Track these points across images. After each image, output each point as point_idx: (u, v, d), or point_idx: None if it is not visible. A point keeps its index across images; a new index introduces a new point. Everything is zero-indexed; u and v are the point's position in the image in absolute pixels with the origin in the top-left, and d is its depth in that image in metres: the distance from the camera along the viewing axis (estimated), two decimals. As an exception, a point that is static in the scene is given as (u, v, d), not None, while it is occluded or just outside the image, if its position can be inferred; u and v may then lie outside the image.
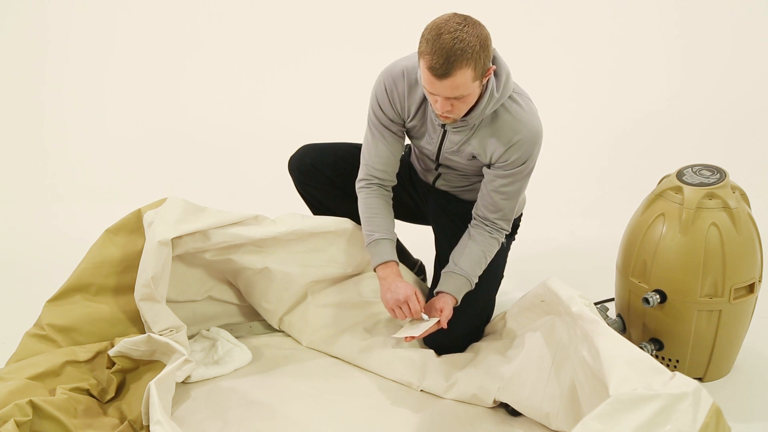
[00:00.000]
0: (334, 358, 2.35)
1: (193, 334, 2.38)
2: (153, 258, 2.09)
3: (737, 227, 2.09)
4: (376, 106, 2.19)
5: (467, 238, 2.24)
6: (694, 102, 3.80)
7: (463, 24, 1.87)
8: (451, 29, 1.86)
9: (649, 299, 2.12)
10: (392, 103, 2.17)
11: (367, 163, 2.26)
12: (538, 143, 2.12)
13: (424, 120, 2.18)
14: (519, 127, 2.08)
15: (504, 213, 2.21)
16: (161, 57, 4.06)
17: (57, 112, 3.88)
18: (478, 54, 1.87)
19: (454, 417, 2.09)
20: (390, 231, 2.25)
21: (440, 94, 1.93)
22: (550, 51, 4.01)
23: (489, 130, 2.10)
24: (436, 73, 1.88)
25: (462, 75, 1.88)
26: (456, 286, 2.20)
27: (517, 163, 2.12)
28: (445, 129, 2.14)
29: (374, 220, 2.25)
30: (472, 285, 2.22)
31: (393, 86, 2.14)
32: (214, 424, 2.04)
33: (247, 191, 3.47)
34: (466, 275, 2.20)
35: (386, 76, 2.16)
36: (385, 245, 2.22)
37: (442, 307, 2.16)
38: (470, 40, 1.86)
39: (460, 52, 1.85)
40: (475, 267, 2.21)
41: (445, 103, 1.95)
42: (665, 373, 1.65)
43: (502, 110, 2.08)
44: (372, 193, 2.26)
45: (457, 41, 1.85)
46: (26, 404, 1.84)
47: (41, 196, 3.45)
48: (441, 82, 1.89)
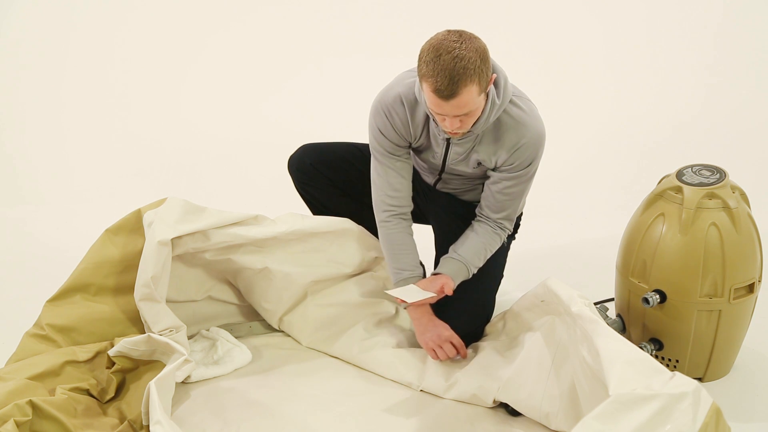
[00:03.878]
0: (334, 358, 2.35)
1: (193, 334, 2.38)
2: (153, 258, 2.09)
3: (737, 227, 2.09)
4: (380, 137, 2.17)
5: (470, 231, 2.24)
6: (694, 102, 3.80)
7: (459, 41, 1.87)
8: (449, 48, 1.85)
9: (648, 299, 2.12)
10: (396, 131, 2.16)
11: (381, 195, 2.24)
12: (542, 144, 2.12)
13: (428, 136, 2.18)
14: (523, 131, 2.08)
15: (508, 213, 2.22)
16: (162, 57, 4.06)
17: (57, 112, 3.88)
18: (480, 68, 1.87)
19: (453, 417, 2.09)
20: (416, 266, 2.25)
21: (448, 114, 1.93)
22: (550, 52, 4.01)
23: (493, 136, 2.10)
24: (442, 95, 1.87)
25: (468, 92, 1.87)
26: (453, 270, 2.19)
27: (522, 165, 2.12)
28: (449, 141, 2.14)
29: (400, 257, 2.24)
30: (470, 274, 2.21)
31: (393, 114, 2.13)
32: (214, 424, 2.04)
33: (247, 191, 3.47)
34: (464, 261, 2.19)
35: (383, 106, 2.14)
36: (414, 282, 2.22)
37: (444, 283, 2.16)
38: (470, 56, 1.85)
39: (462, 70, 1.84)
40: (474, 257, 2.21)
41: (454, 121, 1.95)
42: (665, 373, 1.65)
43: (504, 115, 2.08)
44: (394, 228, 2.25)
45: (458, 60, 1.84)
46: (26, 404, 1.84)
47: (41, 196, 3.46)
48: (448, 102, 1.89)
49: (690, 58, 3.92)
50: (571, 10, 4.06)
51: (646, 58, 3.95)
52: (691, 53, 3.93)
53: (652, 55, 3.96)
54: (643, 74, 3.93)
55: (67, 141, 3.76)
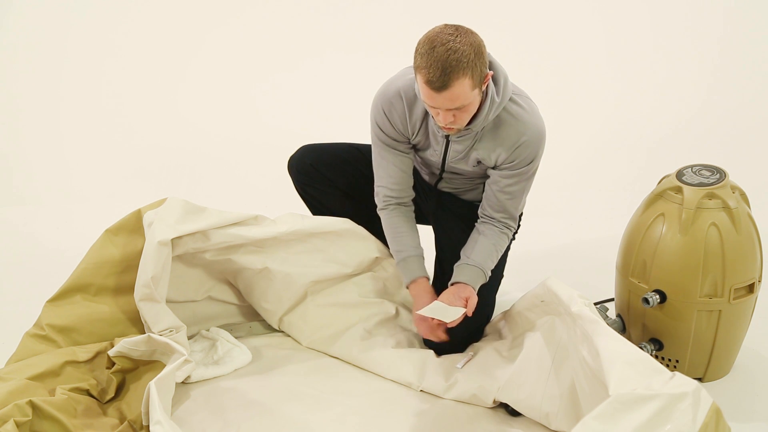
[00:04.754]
0: (334, 358, 2.35)
1: (192, 334, 2.38)
2: (153, 258, 2.09)
3: (737, 227, 2.09)
4: (377, 130, 2.20)
5: (477, 234, 2.24)
6: (695, 102, 3.80)
7: (455, 34, 1.87)
8: (443, 41, 1.86)
9: (648, 299, 2.12)
10: (393, 125, 2.17)
11: (381, 184, 2.27)
12: (542, 142, 2.12)
13: (427, 134, 2.18)
14: (523, 129, 2.08)
15: (510, 212, 2.22)
16: (162, 58, 4.07)
17: (57, 112, 3.88)
18: (473, 62, 1.87)
19: (453, 417, 2.09)
20: (416, 246, 2.27)
21: (441, 107, 1.93)
22: (551, 52, 4.01)
23: (492, 135, 2.10)
24: (434, 87, 1.88)
25: (460, 85, 1.87)
26: (471, 277, 2.19)
27: (522, 163, 2.12)
28: (448, 139, 2.14)
29: (399, 238, 2.26)
30: (486, 277, 2.22)
31: (391, 108, 2.14)
32: (213, 424, 2.04)
33: (247, 191, 3.48)
34: (479, 266, 2.19)
35: (382, 100, 2.15)
36: (413, 262, 2.24)
37: (468, 296, 2.15)
38: (464, 49, 1.86)
39: (455, 62, 1.85)
40: (487, 259, 2.21)
41: (447, 115, 1.95)
42: (665, 373, 1.65)
43: (504, 113, 2.08)
44: (393, 213, 2.28)
45: (451, 52, 1.85)
46: (26, 404, 1.84)
47: (41, 196, 3.46)
48: (440, 94, 1.89)
49: (690, 59, 3.92)
50: (573, 11, 4.06)
51: (646, 59, 3.96)
52: (691, 53, 3.93)
53: (652, 55, 3.96)
54: (643, 74, 3.93)
55: (67, 141, 3.76)
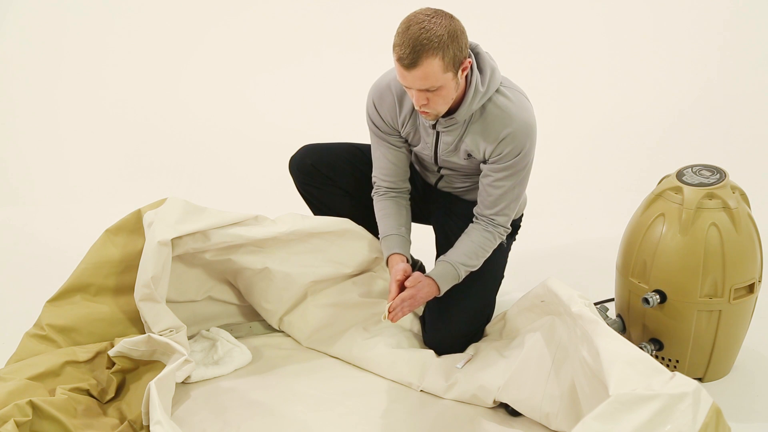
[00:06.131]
0: (334, 358, 2.35)
1: (193, 335, 2.38)
2: (153, 258, 2.09)
3: (737, 227, 2.09)
4: (369, 121, 2.25)
5: (464, 233, 2.25)
6: (695, 102, 3.80)
7: (432, 16, 1.90)
8: (419, 20, 1.89)
9: (648, 299, 2.12)
10: (383, 117, 2.21)
11: (375, 173, 2.32)
12: (530, 135, 2.10)
13: (416, 127, 2.19)
14: (508, 121, 2.08)
15: (501, 209, 2.19)
16: (161, 57, 4.06)
17: (56, 112, 3.88)
18: (445, 44, 1.89)
19: (453, 417, 2.09)
20: (398, 227, 2.29)
21: (412, 86, 1.95)
22: (551, 51, 4.01)
23: (479, 126, 2.11)
24: (403, 64, 1.91)
25: (429, 65, 1.89)
26: (440, 272, 2.19)
27: (510, 156, 2.11)
28: (437, 131, 2.14)
29: (385, 219, 2.31)
30: (459, 276, 2.20)
31: (381, 100, 2.19)
32: (214, 424, 2.04)
33: (248, 191, 3.47)
34: (452, 263, 2.19)
35: (374, 92, 2.21)
36: (392, 240, 2.27)
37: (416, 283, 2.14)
38: (437, 30, 1.88)
39: (426, 41, 1.87)
40: (464, 257, 2.20)
41: (420, 96, 1.97)
42: (665, 373, 1.65)
43: (490, 104, 2.08)
44: (382, 197, 2.32)
45: (423, 31, 1.88)
46: (26, 404, 1.84)
47: (41, 196, 3.45)
48: (410, 72, 1.91)
49: (690, 58, 3.92)
50: (572, 11, 4.06)
51: (647, 58, 3.95)
52: (691, 53, 3.92)
53: (652, 55, 3.96)
54: (643, 74, 3.93)
55: (67, 141, 3.76)
